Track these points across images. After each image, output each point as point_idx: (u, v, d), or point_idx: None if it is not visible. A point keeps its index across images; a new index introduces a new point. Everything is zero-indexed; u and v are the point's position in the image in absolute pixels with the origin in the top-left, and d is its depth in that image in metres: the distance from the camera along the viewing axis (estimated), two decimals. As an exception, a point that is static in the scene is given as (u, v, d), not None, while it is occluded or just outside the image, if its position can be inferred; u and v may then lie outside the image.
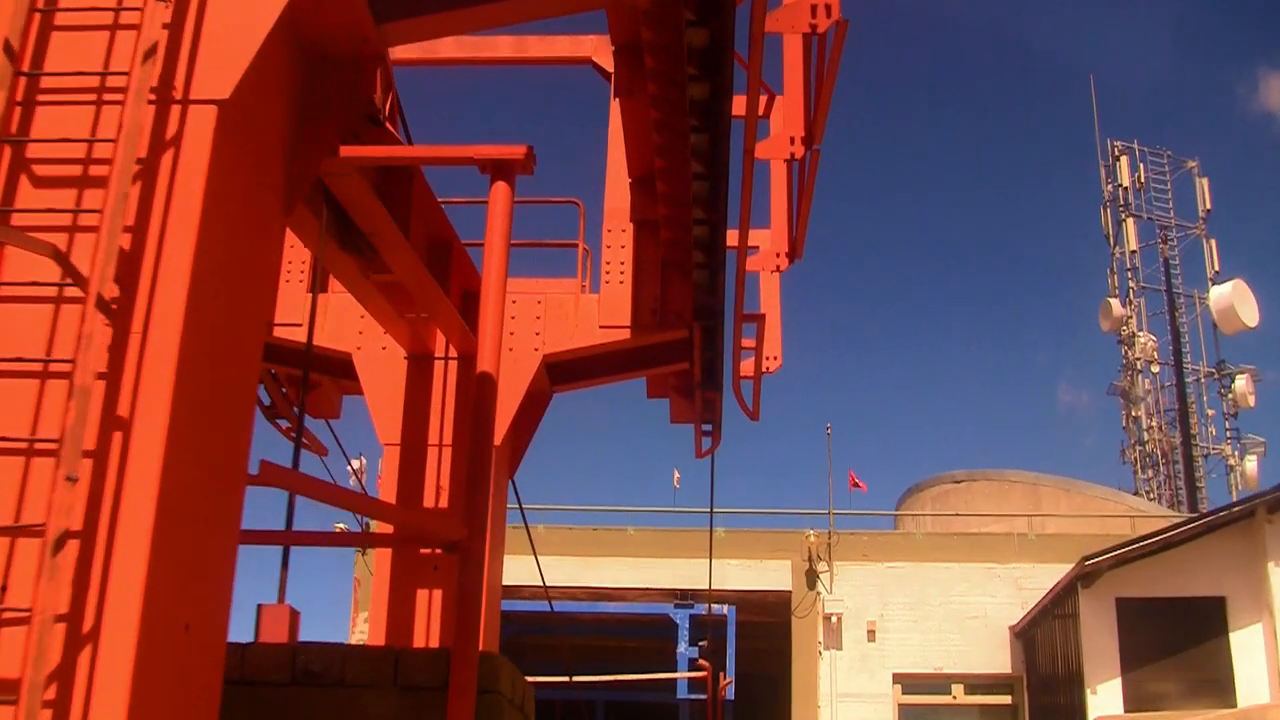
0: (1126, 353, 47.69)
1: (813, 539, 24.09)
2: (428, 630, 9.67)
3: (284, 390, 12.15)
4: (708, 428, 13.00)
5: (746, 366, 12.06)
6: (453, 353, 10.21)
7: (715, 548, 22.97)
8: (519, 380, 10.11)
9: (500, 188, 6.09)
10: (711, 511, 17.94)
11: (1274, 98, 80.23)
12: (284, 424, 12.46)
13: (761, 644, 26.48)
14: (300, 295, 10.46)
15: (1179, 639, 19.46)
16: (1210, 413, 45.93)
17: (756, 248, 11.70)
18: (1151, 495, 46.86)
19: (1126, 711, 18.95)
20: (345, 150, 5.94)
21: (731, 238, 9.68)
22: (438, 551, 9.53)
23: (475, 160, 6.10)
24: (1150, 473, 47.60)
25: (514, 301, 10.36)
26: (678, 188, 8.63)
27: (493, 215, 6.17)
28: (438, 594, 9.67)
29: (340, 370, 10.75)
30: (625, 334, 10.23)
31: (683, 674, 22.77)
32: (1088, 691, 18.98)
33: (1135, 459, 48.14)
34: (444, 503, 9.86)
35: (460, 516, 9.38)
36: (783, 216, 10.85)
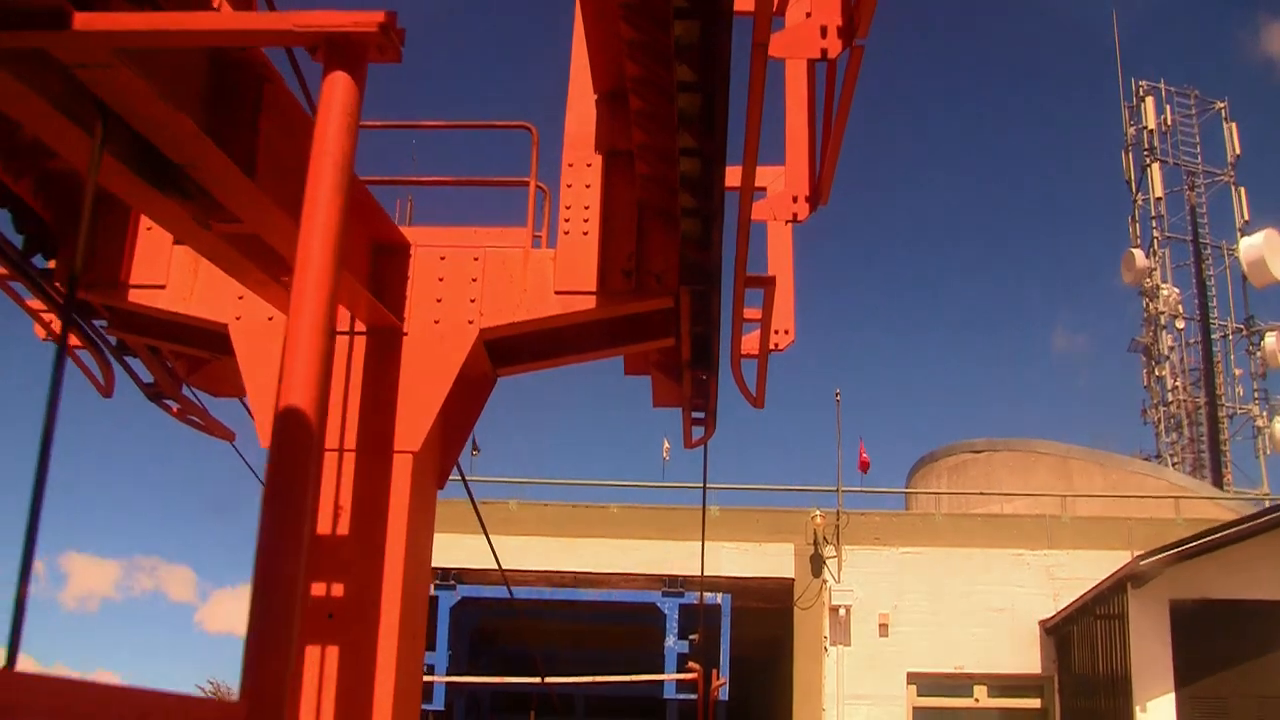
0: (1149, 306, 46.33)
1: (818, 519, 21.87)
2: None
3: (169, 365, 9.88)
4: (699, 414, 10.68)
5: (749, 342, 9.70)
6: (360, 327, 7.86)
7: (709, 529, 20.73)
8: (445, 364, 7.78)
9: (339, 80, 3.71)
10: (705, 488, 15.60)
11: (1310, 36, 77.38)
12: (173, 405, 10.27)
13: (760, 632, 24.32)
14: (169, 251, 8.06)
15: (1242, 648, 17.26)
16: (1238, 372, 44.71)
17: (764, 190, 9.34)
18: (1176, 460, 45.35)
19: (1182, 733, 16.81)
20: (83, 19, 3.54)
21: (732, 175, 7.33)
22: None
23: (294, 36, 3.71)
24: (1173, 435, 46.06)
25: (441, 258, 8.01)
26: (657, 103, 6.26)
27: (325, 120, 3.81)
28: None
29: (223, 345, 8.36)
30: (589, 302, 7.89)
31: (670, 676, 20.60)
32: (1136, 709, 16.80)
33: (1158, 420, 46.58)
34: (342, 529, 7.53)
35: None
36: (803, 146, 8.44)
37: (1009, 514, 23.76)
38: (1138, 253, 45.37)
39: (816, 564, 22.00)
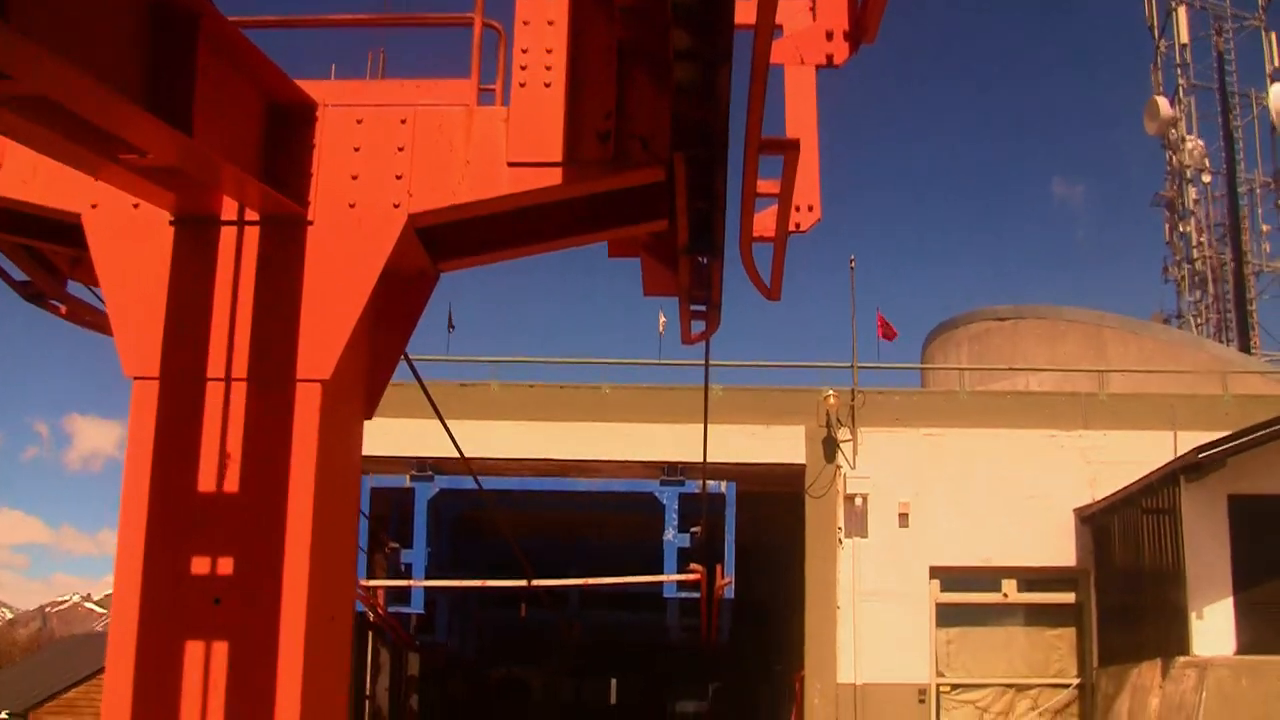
0: (1173, 159, 44.88)
1: (831, 399, 20.23)
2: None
3: (49, 264, 8.26)
4: (700, 306, 8.90)
5: (762, 221, 7.87)
6: (251, 216, 6.04)
7: (712, 410, 19.07)
8: (365, 261, 5.99)
9: None
10: (707, 366, 13.89)
11: None
12: (59, 305, 8.69)
13: (768, 523, 22.89)
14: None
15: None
16: (1265, 228, 43.83)
17: (780, 28, 7.44)
18: (1200, 320, 44.04)
19: (1241, 643, 15.35)
20: None
21: (742, 10, 5.49)
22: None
23: None
24: (1197, 294, 44.77)
25: (358, 122, 6.16)
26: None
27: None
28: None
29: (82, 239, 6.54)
30: (553, 176, 6.09)
31: (670, 577, 19.16)
32: (1191, 615, 15.34)
33: (1180, 279, 45.24)
34: (231, 485, 5.81)
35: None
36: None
37: (1040, 390, 22.13)
38: (1161, 101, 43.49)
39: (829, 448, 20.43)
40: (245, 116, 5.76)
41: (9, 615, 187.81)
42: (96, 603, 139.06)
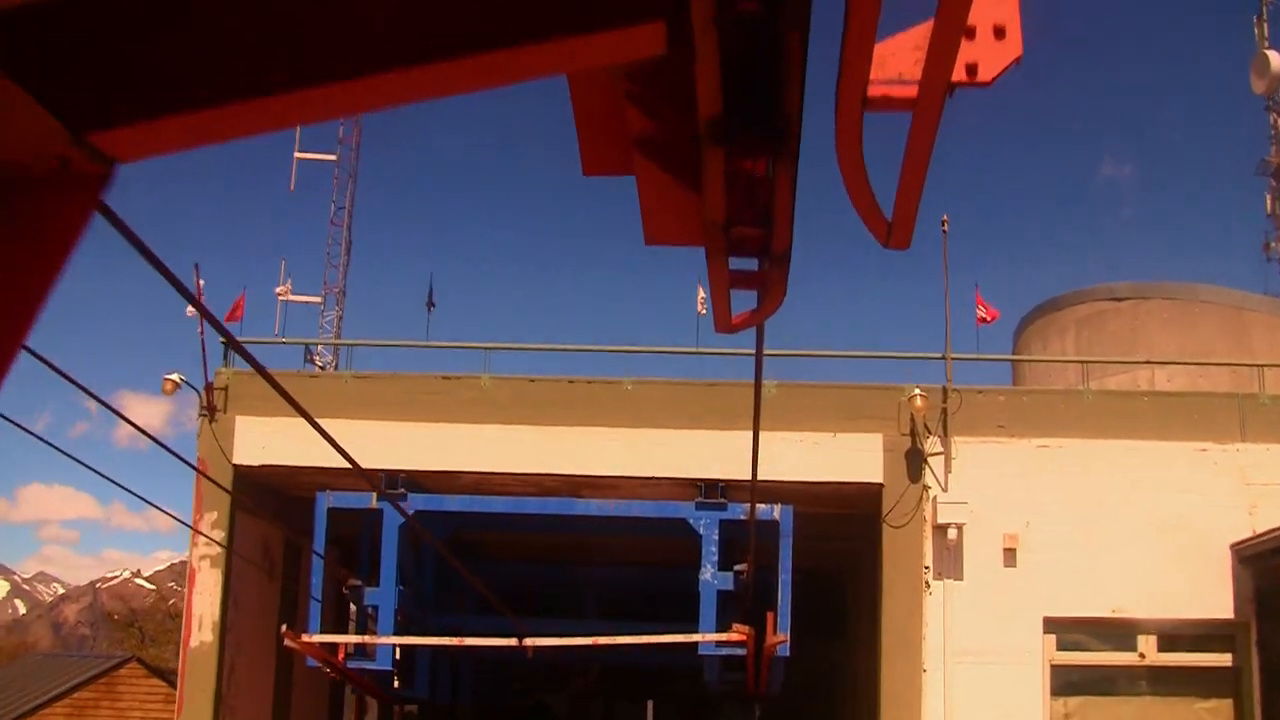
0: (1278, 122, 40.22)
1: (918, 400, 16.11)
2: None
3: None
4: (746, 264, 4.84)
5: (883, 64, 3.72)
6: None
7: (765, 413, 15.02)
8: None
9: None
10: (759, 355, 9.82)
11: None
12: None
13: (833, 559, 18.85)
14: None
15: None
16: None
17: None
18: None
19: None
20: None
21: None
22: None
23: None
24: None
25: None
26: None
27: None
28: None
29: None
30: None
31: (707, 636, 15.11)
32: None
33: (1289, 255, 40.87)
34: None
35: None
36: None
37: (1186, 391, 17.89)
38: (1272, 55, 38.94)
39: (914, 463, 16.32)
40: None
41: (61, 590, 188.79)
42: (146, 579, 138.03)
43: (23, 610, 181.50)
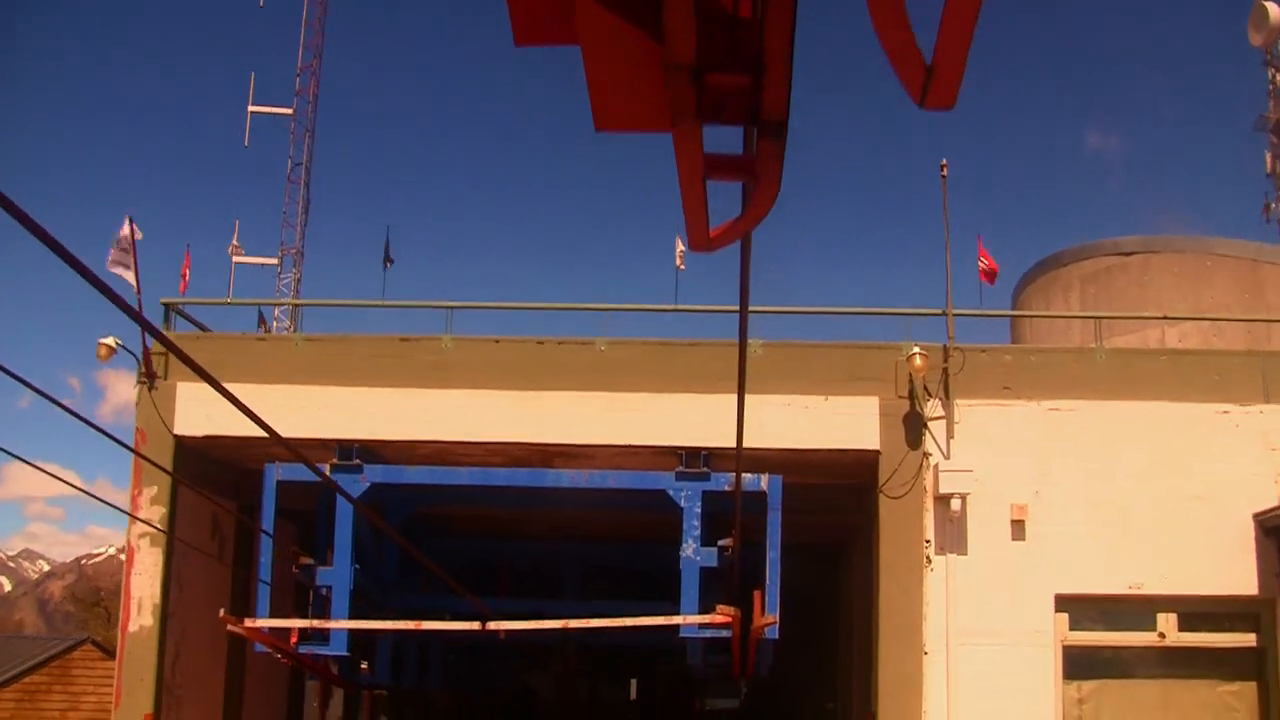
0: (1276, 76, 38.90)
1: (918, 359, 14.84)
2: None
3: None
4: (726, 148, 3.57)
5: None
6: None
7: (753, 374, 13.87)
8: None
9: None
10: (744, 312, 8.57)
11: None
12: None
13: (825, 533, 17.62)
14: None
15: None
16: None
17: None
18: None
19: None
20: None
21: None
22: None
23: None
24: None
25: None
26: None
27: None
28: None
29: None
30: None
31: (690, 619, 13.87)
32: None
33: (1290, 216, 39.59)
34: None
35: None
36: None
37: (1207, 349, 16.65)
38: (1270, 6, 37.64)
39: (914, 428, 15.09)
40: None
41: (47, 567, 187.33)
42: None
43: (8, 587, 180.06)
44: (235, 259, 21.05)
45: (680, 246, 16.17)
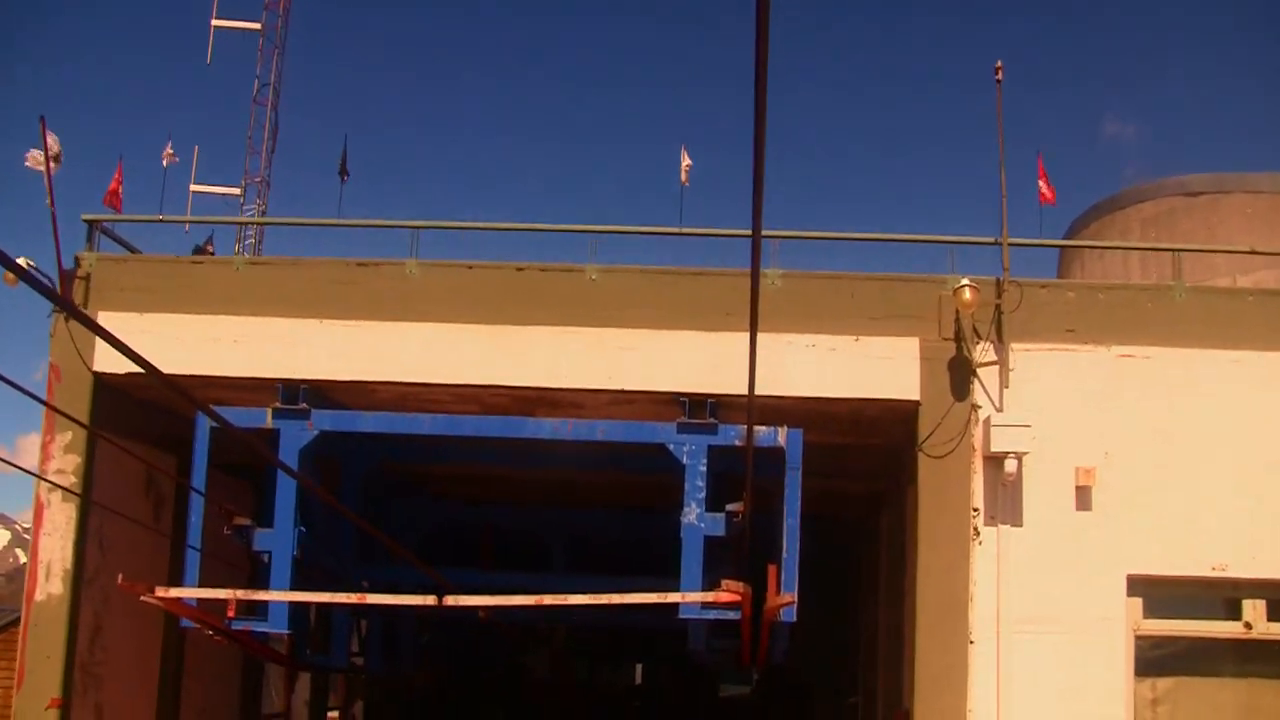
0: None
1: (967, 293, 12.51)
2: None
3: None
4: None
5: None
6: None
7: (771, 308, 11.65)
8: None
9: None
10: (757, 237, 6.37)
11: None
12: None
13: (852, 500, 15.40)
14: None
15: None
16: None
17: None
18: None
19: None
20: None
21: None
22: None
23: None
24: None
25: None
26: None
27: None
28: None
29: None
30: None
31: (691, 596, 11.58)
32: None
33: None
34: None
35: None
36: None
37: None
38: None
39: (961, 376, 12.81)
40: None
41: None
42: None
43: (23, 559, 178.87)
44: (193, 188, 18.92)
45: (686, 159, 13.87)
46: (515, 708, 27.99)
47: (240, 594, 11.41)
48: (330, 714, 23.83)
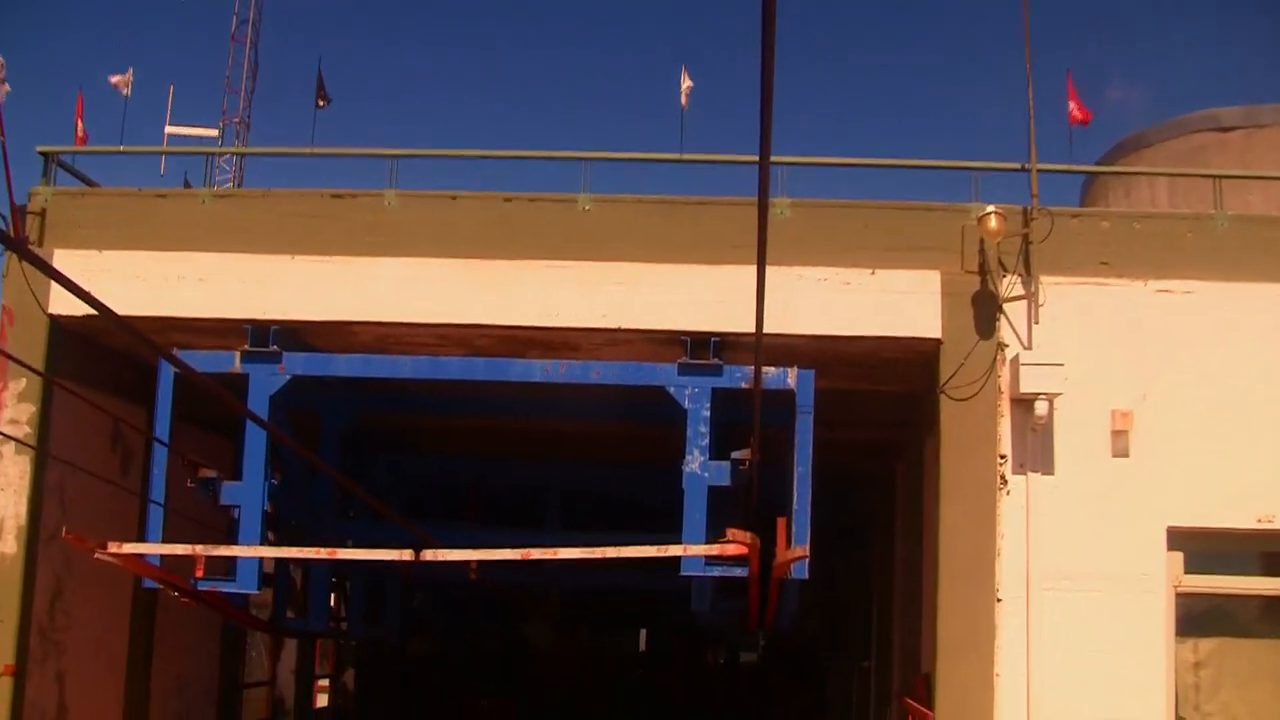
0: None
1: (992, 222, 11.51)
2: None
3: None
4: None
5: None
6: None
7: (780, 239, 10.59)
8: None
9: None
10: (764, 163, 5.36)
11: None
12: None
13: (866, 448, 14.47)
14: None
15: None
16: None
17: None
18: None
19: None
20: None
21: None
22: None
23: None
24: None
25: None
26: None
27: None
28: None
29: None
30: None
31: (693, 549, 10.61)
32: None
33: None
34: None
35: None
36: None
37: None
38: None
39: (986, 311, 11.83)
40: None
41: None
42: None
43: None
44: (169, 129, 17.99)
45: (686, 79, 12.86)
46: (514, 678, 27.18)
47: (202, 549, 10.46)
48: (319, 683, 22.98)
